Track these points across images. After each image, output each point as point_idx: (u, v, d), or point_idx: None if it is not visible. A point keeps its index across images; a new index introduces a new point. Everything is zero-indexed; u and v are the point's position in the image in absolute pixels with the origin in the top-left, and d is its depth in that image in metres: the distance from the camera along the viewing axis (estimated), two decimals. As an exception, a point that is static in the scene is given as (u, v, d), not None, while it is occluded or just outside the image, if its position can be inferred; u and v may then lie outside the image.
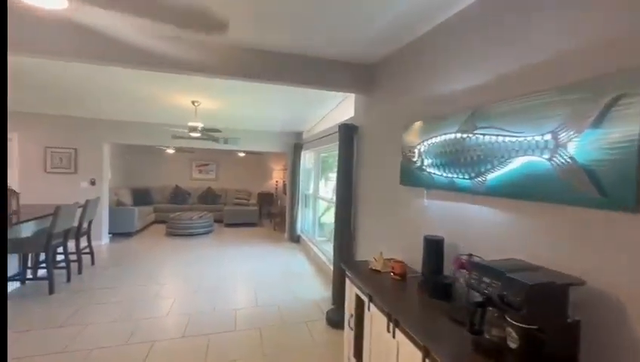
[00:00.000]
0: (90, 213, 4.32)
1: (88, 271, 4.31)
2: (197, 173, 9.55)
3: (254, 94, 3.94)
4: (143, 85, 3.76)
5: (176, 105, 4.55)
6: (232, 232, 7.43)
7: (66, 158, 5.54)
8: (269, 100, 4.26)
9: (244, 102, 4.41)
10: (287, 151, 6.87)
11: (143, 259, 4.96)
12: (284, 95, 4.00)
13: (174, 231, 6.72)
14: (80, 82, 3.72)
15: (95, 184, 5.69)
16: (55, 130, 5.49)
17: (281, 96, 4.11)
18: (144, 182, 8.81)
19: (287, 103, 4.44)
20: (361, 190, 3.26)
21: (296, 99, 4.20)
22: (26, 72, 3.54)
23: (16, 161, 5.33)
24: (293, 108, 4.72)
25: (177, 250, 5.66)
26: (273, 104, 4.47)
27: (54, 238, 3.53)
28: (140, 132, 5.94)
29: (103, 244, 5.74)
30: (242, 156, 9.45)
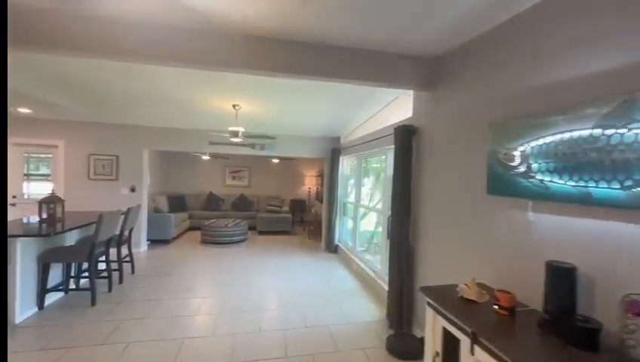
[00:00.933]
0: (131, 220, 4.23)
1: (129, 280, 4.21)
2: (230, 179, 9.51)
3: (298, 95, 3.69)
4: (183, 90, 3.63)
5: (216, 110, 4.41)
6: (265, 240, 7.23)
7: (108, 165, 5.58)
8: (311, 103, 4.00)
9: (286, 106, 4.19)
10: (325, 157, 6.59)
11: (181, 268, 4.83)
12: (328, 97, 3.72)
13: (209, 238, 6.61)
14: (122, 89, 3.65)
15: (135, 191, 5.69)
16: (98, 138, 5.56)
17: (325, 99, 3.83)
18: (180, 188, 8.87)
19: (331, 106, 4.16)
20: (424, 199, 2.88)
21: (342, 101, 3.91)
22: (71, 80, 3.53)
23: (62, 169, 5.43)
24: (336, 111, 4.44)
25: (214, 258, 5.50)
26: (316, 107, 4.21)
27: (97, 247, 3.43)
28: (179, 138, 5.90)
29: (142, 251, 5.71)
30: (275, 162, 9.29)
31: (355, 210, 5.39)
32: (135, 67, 2.99)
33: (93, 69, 3.06)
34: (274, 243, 6.91)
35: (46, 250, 3.29)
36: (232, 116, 4.53)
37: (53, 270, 3.43)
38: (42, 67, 3.08)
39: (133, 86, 3.52)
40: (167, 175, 8.75)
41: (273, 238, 7.47)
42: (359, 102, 3.98)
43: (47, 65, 3.02)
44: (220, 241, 6.59)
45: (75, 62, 2.90)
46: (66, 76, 3.30)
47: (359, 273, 4.74)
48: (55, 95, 3.98)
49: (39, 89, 3.72)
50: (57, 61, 2.88)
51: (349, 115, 4.64)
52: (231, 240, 6.67)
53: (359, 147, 4.98)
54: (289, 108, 4.31)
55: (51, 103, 4.12)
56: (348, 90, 3.49)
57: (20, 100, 4.10)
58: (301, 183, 9.87)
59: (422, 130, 3.00)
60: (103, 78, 3.38)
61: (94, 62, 2.92)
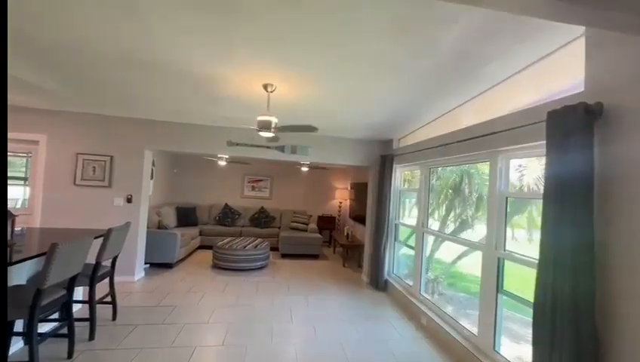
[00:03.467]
0: (114, 246, 2.95)
1: (105, 332, 2.89)
2: (249, 189, 8.24)
3: (359, 70, 2.37)
4: (201, 62, 2.37)
5: (241, 94, 3.13)
6: (290, 267, 5.83)
7: (100, 168, 4.38)
8: (374, 82, 2.66)
9: (335, 88, 2.87)
10: (370, 166, 5.22)
11: (181, 311, 3.49)
12: (404, 73, 2.37)
13: (223, 263, 5.28)
14: (120, 62, 2.45)
15: (131, 201, 4.45)
16: (89, 133, 4.39)
17: (400, 77, 2.48)
18: (190, 198, 7.65)
19: (401, 88, 2.80)
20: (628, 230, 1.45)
21: (425, 78, 2.54)
22: (55, 55, 2.35)
23: (41, 170, 4.26)
24: (404, 97, 3.06)
25: (226, 294, 4.14)
26: (379, 90, 2.86)
27: (46, 296, 2.13)
28: (189, 137, 4.67)
29: (135, 281, 4.41)
30: (304, 171, 7.97)
31: (420, 238, 3.95)
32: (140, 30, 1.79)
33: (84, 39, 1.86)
34: (301, 272, 5.50)
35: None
36: (262, 103, 3.25)
37: (-23, 328, 2.15)
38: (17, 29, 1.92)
39: (135, 56, 2.29)
40: (176, 183, 7.56)
41: (299, 264, 6.07)
42: (451, 83, 2.60)
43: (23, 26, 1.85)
44: (235, 268, 5.24)
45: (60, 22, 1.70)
46: (46, 45, 2.12)
47: (434, 332, 3.26)
48: (31, 69, 2.82)
49: (12, 61, 2.55)
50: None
51: (421, 104, 3.26)
52: (250, 267, 5.32)
53: (430, 152, 3.59)
54: (337, 95, 2.98)
55: (27, 83, 2.96)
56: (441, 61, 2.15)
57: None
58: (330, 197, 8.50)
59: (617, 109, 1.60)
60: (96, 50, 2.18)
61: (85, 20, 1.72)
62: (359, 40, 1.98)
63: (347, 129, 4.56)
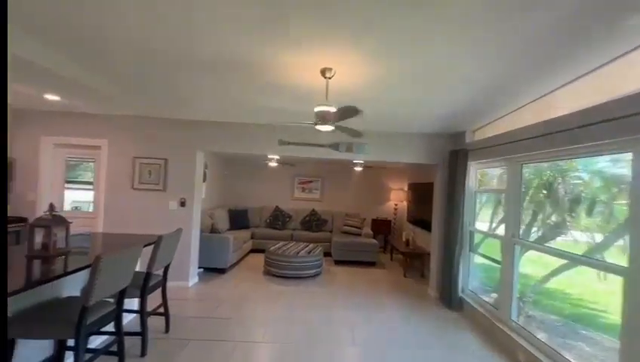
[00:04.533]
0: (165, 255, 2.75)
1: (158, 347, 2.70)
2: (299, 191, 7.96)
3: (435, 40, 1.81)
4: (253, 48, 2.02)
5: (296, 85, 2.75)
6: (345, 275, 5.36)
7: (155, 172, 4.35)
8: (456, 55, 2.07)
9: (403, 69, 2.33)
10: (437, 163, 4.54)
11: (235, 324, 3.21)
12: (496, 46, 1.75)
13: (275, 270, 5.00)
14: (172, 61, 2.24)
15: (185, 205, 4.35)
16: (145, 137, 4.38)
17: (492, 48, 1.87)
18: (242, 201, 7.59)
19: (495, 60, 2.17)
20: None
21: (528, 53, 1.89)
22: (111, 57, 2.21)
23: (104, 175, 4.34)
24: (498, 71, 2.41)
25: (280, 306, 3.80)
26: (460, 64, 2.25)
27: (92, 314, 1.93)
28: (240, 137, 4.45)
29: (190, 287, 4.30)
30: (357, 170, 7.46)
31: (511, 250, 3.21)
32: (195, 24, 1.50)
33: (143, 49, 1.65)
34: (358, 281, 5.01)
35: (10, 317, 1.89)
36: (320, 90, 2.84)
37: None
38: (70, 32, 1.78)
39: (187, 53, 2.03)
40: (228, 185, 7.55)
41: (355, 272, 5.58)
42: (567, 50, 1.91)
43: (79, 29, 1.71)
44: (287, 275, 4.93)
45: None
46: (98, 39, 1.96)
47: (541, 375, 2.54)
48: (89, 75, 2.76)
49: (69, 65, 2.50)
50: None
51: (511, 85, 2.57)
52: (303, 274, 4.97)
53: (528, 143, 2.87)
54: (407, 73, 2.43)
55: (85, 86, 2.91)
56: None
57: (46, 81, 2.97)
58: (385, 198, 7.87)
59: None
60: (151, 45, 1.98)
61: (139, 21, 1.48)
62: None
63: (411, 121, 3.96)
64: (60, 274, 1.97)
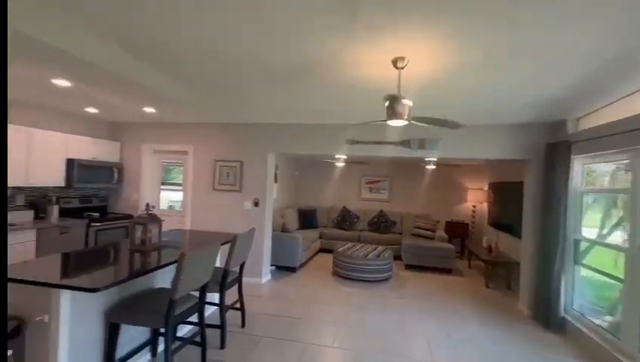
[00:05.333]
0: (240, 253, 2.89)
1: (235, 340, 2.85)
2: (367, 191, 7.78)
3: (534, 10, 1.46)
4: (325, 42, 1.96)
5: (366, 80, 2.62)
6: (418, 281, 5.02)
7: (232, 173, 4.66)
8: (563, 27, 1.67)
9: (489, 50, 2.00)
10: (529, 159, 3.93)
11: (305, 324, 3.23)
12: None
13: (343, 271, 4.93)
14: (245, 67, 2.31)
15: (258, 205, 4.57)
16: (224, 141, 4.74)
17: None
18: (311, 201, 7.73)
19: (614, 29, 1.70)
20: None
21: None
22: (193, 69, 2.40)
23: (190, 177, 4.82)
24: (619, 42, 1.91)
25: (351, 310, 3.70)
26: (566, 39, 1.83)
27: (179, 306, 2.10)
28: (308, 137, 4.49)
29: (263, 283, 4.50)
30: (428, 169, 6.97)
31: (635, 264, 2.56)
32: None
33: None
34: (433, 289, 4.63)
35: (117, 303, 2.16)
36: (388, 87, 2.67)
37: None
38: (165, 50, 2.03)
39: (258, 58, 2.11)
40: (298, 185, 7.77)
41: (429, 279, 5.18)
42: None
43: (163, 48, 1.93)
44: (356, 278, 4.82)
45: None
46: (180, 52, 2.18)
47: None
48: (179, 87, 3.08)
49: (162, 80, 2.83)
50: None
51: None
52: (372, 278, 4.80)
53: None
54: (495, 53, 2.07)
55: (174, 98, 3.26)
56: None
57: (144, 96, 3.41)
58: (460, 199, 7.19)
59: None
60: (227, 54, 2.10)
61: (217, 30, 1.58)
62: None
63: (497, 111, 3.48)
64: (153, 268, 2.20)
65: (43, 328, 1.82)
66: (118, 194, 5.09)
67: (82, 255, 2.56)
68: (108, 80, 2.76)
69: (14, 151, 3.58)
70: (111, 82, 2.83)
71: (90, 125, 4.81)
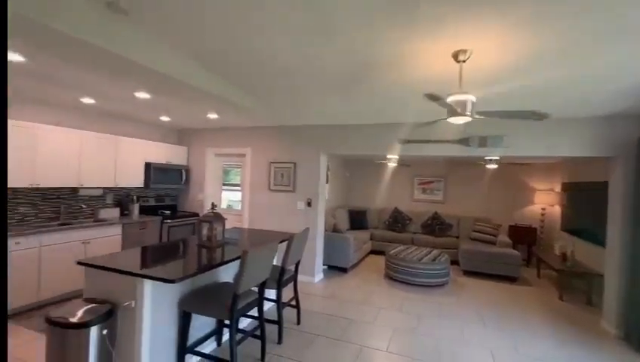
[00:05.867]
0: (296, 252, 2.99)
1: (291, 337, 2.96)
2: (419, 192, 7.48)
3: None
4: (383, 47, 1.94)
5: (424, 77, 2.54)
6: (479, 288, 4.68)
7: (286, 174, 4.84)
8: None
9: (572, 32, 1.78)
10: (615, 156, 3.44)
11: (359, 326, 3.22)
12: None
13: (396, 275, 4.80)
14: (299, 71, 2.40)
15: (311, 205, 4.67)
16: (278, 143, 4.93)
17: None
18: (361, 202, 7.68)
19: None
20: None
21: None
22: (252, 76, 2.58)
23: (248, 178, 5.11)
24: None
25: (406, 315, 3.60)
26: None
27: (242, 299, 2.24)
28: (360, 138, 4.47)
29: (316, 283, 4.59)
30: (489, 168, 6.48)
31: None
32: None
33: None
34: (496, 298, 4.28)
35: (188, 293, 2.38)
36: (447, 82, 2.54)
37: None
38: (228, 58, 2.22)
39: (314, 62, 2.18)
40: (348, 186, 7.77)
41: (491, 287, 4.81)
42: None
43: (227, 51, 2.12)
44: (410, 281, 4.66)
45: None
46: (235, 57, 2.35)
47: None
48: (239, 93, 3.31)
49: (221, 86, 3.06)
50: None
51: None
52: (426, 283, 4.61)
53: None
54: (579, 35, 1.84)
55: (233, 103, 3.50)
56: None
57: (208, 103, 3.70)
58: (526, 201, 6.55)
59: None
60: (282, 59, 2.22)
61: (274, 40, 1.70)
62: None
63: (576, 103, 3.11)
64: (220, 263, 2.37)
65: (130, 312, 2.07)
66: (186, 194, 5.60)
67: (158, 249, 2.86)
68: (180, 90, 3.04)
69: (106, 156, 4.15)
70: (182, 92, 3.12)
71: (162, 132, 5.37)
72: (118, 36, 2.08)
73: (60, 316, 1.92)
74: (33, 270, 3.23)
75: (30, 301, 3.23)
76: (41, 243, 3.29)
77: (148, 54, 2.29)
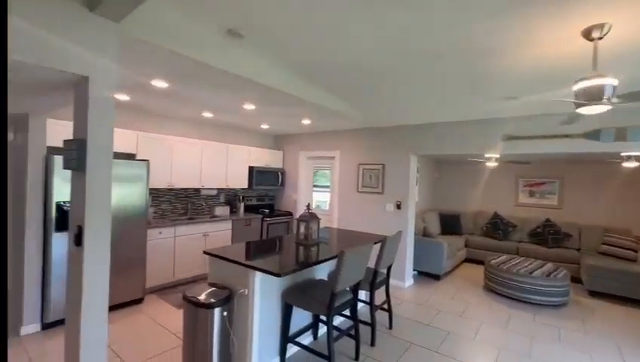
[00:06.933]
0: (389, 255, 2.96)
1: (383, 340, 2.94)
2: (526, 195, 6.53)
3: None
4: (497, 34, 1.80)
5: (541, 61, 2.24)
6: (612, 314, 3.83)
7: (375, 176, 4.83)
8: None
9: None
10: None
11: (457, 340, 3.00)
12: None
13: (500, 288, 4.30)
14: (403, 78, 2.41)
15: (401, 208, 4.56)
16: (367, 145, 4.97)
17: None
18: (453, 205, 7.12)
19: None
20: None
21: None
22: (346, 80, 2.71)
23: (337, 180, 5.29)
24: None
25: (514, 335, 3.20)
26: None
27: (338, 298, 2.33)
28: (455, 136, 4.16)
29: (405, 288, 4.46)
30: (624, 167, 5.26)
31: None
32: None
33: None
34: (635, 329, 3.44)
35: (289, 287, 2.60)
36: (571, 67, 2.17)
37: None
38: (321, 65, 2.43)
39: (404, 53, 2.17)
40: (438, 188, 7.30)
41: (628, 313, 3.89)
42: None
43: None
44: (516, 297, 4.12)
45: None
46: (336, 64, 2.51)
47: None
48: (330, 97, 3.49)
49: (314, 92, 3.28)
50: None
51: None
52: (539, 301, 4.00)
53: None
54: None
55: (325, 108, 3.69)
56: None
57: (302, 109, 3.98)
58: (688, 209, 5.07)
59: None
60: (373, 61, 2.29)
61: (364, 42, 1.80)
62: None
63: None
64: (320, 260, 2.51)
65: (244, 299, 2.37)
66: (281, 195, 6.11)
67: (262, 244, 3.19)
68: (280, 99, 3.33)
69: (219, 161, 4.85)
70: (282, 101, 3.41)
71: (262, 138, 5.97)
72: (232, 57, 2.40)
73: (192, 295, 2.32)
74: (170, 255, 3.99)
75: (168, 280, 4.00)
76: (176, 233, 4.04)
77: (254, 70, 2.58)
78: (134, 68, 2.48)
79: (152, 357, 2.56)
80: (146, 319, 3.19)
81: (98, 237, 1.72)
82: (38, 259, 2.89)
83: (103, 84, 1.70)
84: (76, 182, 1.76)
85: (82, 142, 1.67)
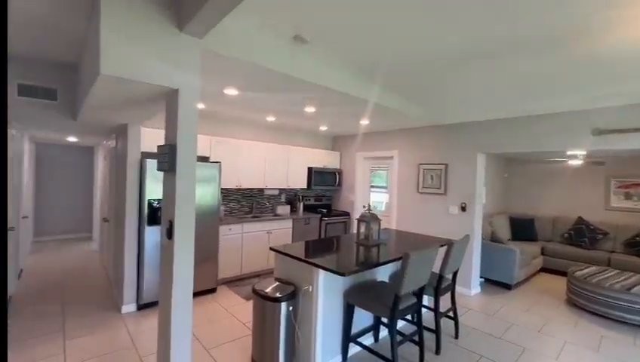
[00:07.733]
0: (455, 260, 2.81)
1: (450, 352, 2.80)
2: (620, 198, 5.63)
3: None
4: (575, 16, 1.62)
5: (623, 49, 1.93)
6: None
7: (437, 176, 4.61)
8: None
9: None
10: None
11: (535, 359, 2.72)
12: None
13: (586, 303, 3.78)
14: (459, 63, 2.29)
15: (466, 210, 4.28)
16: (428, 144, 4.76)
17: None
18: (525, 208, 6.45)
19: None
20: None
21: None
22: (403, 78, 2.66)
23: (395, 180, 5.17)
24: None
25: (607, 356, 2.78)
26: None
27: (403, 301, 2.29)
28: (528, 132, 3.77)
29: (472, 296, 4.17)
30: None
31: None
32: None
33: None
34: None
35: (351, 287, 2.62)
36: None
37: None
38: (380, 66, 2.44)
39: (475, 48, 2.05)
40: (508, 189, 6.67)
41: None
42: None
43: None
44: (609, 316, 3.58)
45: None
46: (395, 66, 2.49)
47: None
48: (387, 96, 3.44)
49: (371, 91, 3.26)
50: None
51: None
52: (634, 320, 3.43)
53: None
54: None
55: (382, 106, 3.65)
56: None
57: (359, 109, 3.98)
58: None
59: None
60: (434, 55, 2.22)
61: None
62: None
63: None
64: (383, 262, 2.49)
65: (308, 295, 2.45)
66: (338, 195, 6.17)
67: (321, 243, 3.25)
68: (340, 100, 3.35)
69: (281, 163, 5.09)
70: (341, 101, 3.43)
71: (320, 139, 6.10)
72: (296, 61, 2.50)
73: (261, 289, 2.47)
74: (238, 250, 4.31)
75: (237, 273, 4.33)
76: (243, 230, 4.35)
77: (314, 73, 2.65)
78: (212, 79, 2.73)
79: (224, 343, 2.80)
80: (219, 308, 3.49)
81: (185, 231, 1.95)
82: (134, 247, 3.36)
83: (190, 95, 1.91)
84: (168, 183, 2.00)
85: (173, 147, 1.90)
